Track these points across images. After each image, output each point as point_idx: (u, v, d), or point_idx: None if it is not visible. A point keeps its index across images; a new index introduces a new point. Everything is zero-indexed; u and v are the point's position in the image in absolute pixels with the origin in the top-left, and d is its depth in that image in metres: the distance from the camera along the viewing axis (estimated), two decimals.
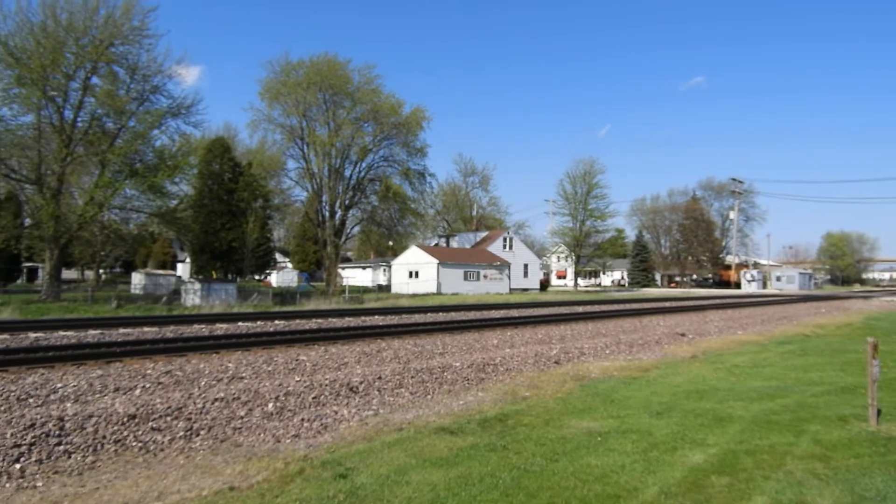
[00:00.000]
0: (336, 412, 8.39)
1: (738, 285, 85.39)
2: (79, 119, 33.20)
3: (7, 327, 16.23)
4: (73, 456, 6.26)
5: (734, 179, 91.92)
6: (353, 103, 48.33)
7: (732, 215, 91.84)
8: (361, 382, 9.85)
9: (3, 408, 7.61)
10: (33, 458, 6.07)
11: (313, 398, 8.86)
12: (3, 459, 5.95)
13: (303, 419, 7.94)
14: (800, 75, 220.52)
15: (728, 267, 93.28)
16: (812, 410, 8.60)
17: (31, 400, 8.00)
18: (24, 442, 6.29)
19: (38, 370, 9.88)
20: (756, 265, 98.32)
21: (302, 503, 5.10)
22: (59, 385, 8.73)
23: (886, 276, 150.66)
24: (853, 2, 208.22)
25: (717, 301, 41.48)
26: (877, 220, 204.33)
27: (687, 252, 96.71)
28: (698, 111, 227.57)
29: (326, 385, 9.48)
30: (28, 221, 44.50)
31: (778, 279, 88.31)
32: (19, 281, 58.09)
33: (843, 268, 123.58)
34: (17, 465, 5.89)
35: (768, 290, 79.79)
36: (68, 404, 7.82)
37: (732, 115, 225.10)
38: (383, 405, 8.97)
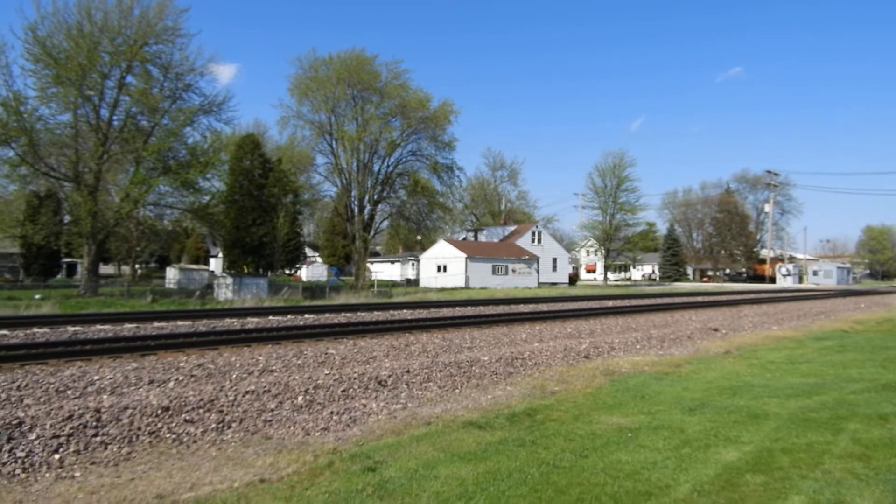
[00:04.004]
0: (365, 405, 8.44)
1: (772, 280, 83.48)
2: (114, 117, 34.05)
3: (47, 321, 16.71)
4: (109, 447, 6.41)
5: (769, 172, 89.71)
6: (381, 98, 48.55)
7: (767, 208, 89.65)
8: (390, 376, 9.89)
9: (42, 399, 7.83)
10: (71, 449, 6.23)
11: (342, 391, 8.93)
12: (43, 450, 6.12)
13: (332, 412, 8.01)
14: (840, 64, 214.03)
15: (762, 261, 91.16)
16: (851, 408, 8.35)
17: (69, 392, 8.20)
18: (62, 433, 6.46)
19: (76, 363, 10.13)
20: (792, 259, 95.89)
21: (331, 496, 5.13)
22: (96, 377, 8.95)
23: None
24: None
25: (752, 296, 40.61)
26: None
27: (720, 246, 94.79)
28: (735, 103, 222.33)
29: (355, 378, 9.54)
30: (67, 218, 45.85)
31: (815, 273, 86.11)
32: (59, 276, 59.80)
33: (883, 262, 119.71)
34: (57, 456, 6.06)
35: (804, 285, 77.84)
36: (105, 396, 8.01)
37: (769, 106, 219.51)
38: (412, 399, 8.99)
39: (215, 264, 70.59)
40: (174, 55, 34.69)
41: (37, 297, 28.05)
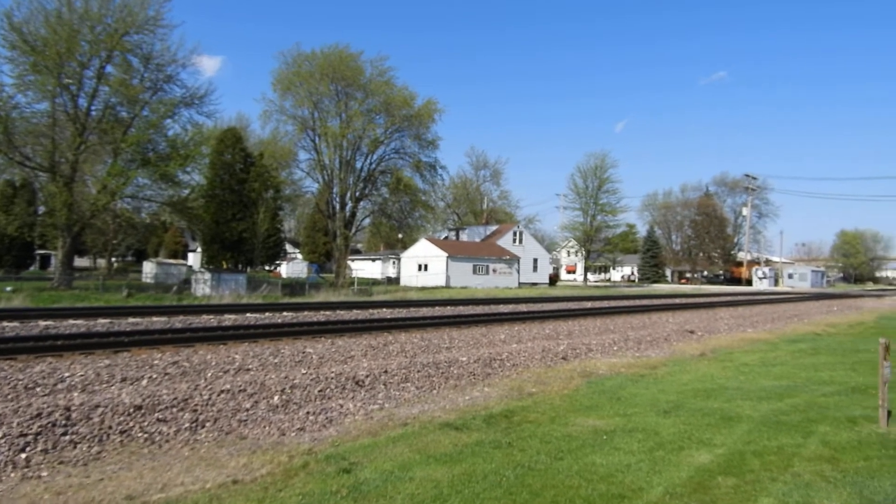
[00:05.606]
0: (341, 406, 8.39)
1: (749, 282, 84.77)
2: (93, 107, 33.48)
3: (18, 315, 16.39)
4: (78, 446, 6.29)
5: (748, 175, 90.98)
6: (365, 95, 48.30)
7: (745, 212, 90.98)
8: (367, 376, 9.85)
9: (10, 396, 7.67)
10: (39, 448, 6.10)
11: (319, 391, 8.87)
12: (10, 449, 5.98)
13: (308, 412, 7.95)
14: (818, 74, 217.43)
15: (739, 264, 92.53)
16: (822, 411, 8.50)
17: (38, 389, 8.05)
18: (30, 431, 6.32)
19: (46, 359, 9.95)
20: (768, 262, 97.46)
21: (305, 498, 5.09)
22: (67, 374, 8.79)
23: None
24: None
25: (728, 298, 41.18)
26: (892, 218, 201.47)
27: (698, 248, 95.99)
28: (716, 106, 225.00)
29: (332, 378, 9.49)
30: (42, 209, 45.03)
31: (790, 276, 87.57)
32: (32, 268, 58.73)
33: (856, 266, 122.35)
34: (23, 455, 5.92)
35: (780, 288, 79.14)
36: (75, 394, 7.87)
37: (748, 112, 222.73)
38: (389, 399, 8.96)
39: (193, 259, 69.79)
40: (155, 45, 34.27)
41: (8, 289, 27.47)
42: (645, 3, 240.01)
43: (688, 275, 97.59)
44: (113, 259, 61.33)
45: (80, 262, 57.73)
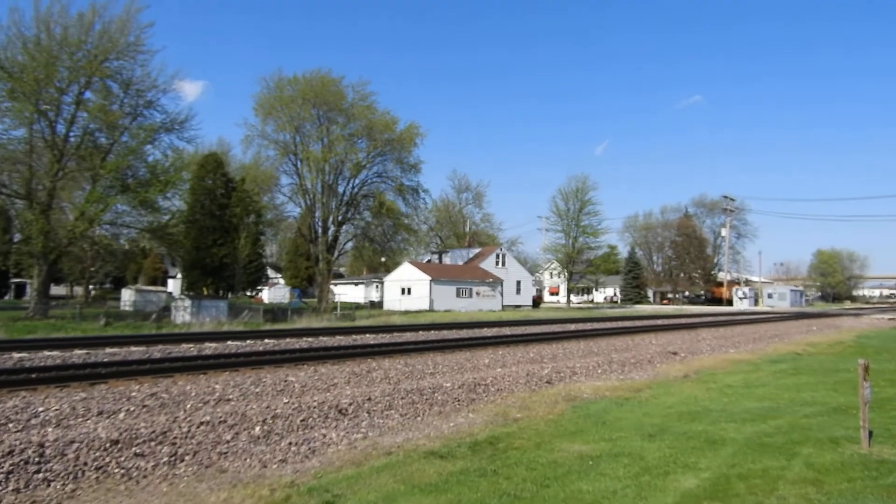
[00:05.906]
0: (324, 435, 8.26)
1: (729, 302, 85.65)
2: (71, 134, 33.24)
3: None
4: (52, 484, 6.10)
5: (726, 197, 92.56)
6: (346, 119, 48.54)
7: (724, 232, 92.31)
8: (351, 404, 9.72)
9: None
10: (10, 487, 5.90)
11: (301, 421, 8.73)
12: None
13: (290, 443, 7.81)
14: (794, 85, 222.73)
15: (720, 284, 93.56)
16: (804, 432, 8.54)
17: (10, 425, 7.80)
18: (1, 470, 6.11)
19: (20, 393, 9.67)
20: (747, 282, 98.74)
21: None
22: (41, 409, 8.55)
23: (876, 293, 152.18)
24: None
25: (709, 318, 41.50)
26: (867, 237, 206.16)
27: (679, 269, 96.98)
28: (693, 129, 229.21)
29: (315, 407, 9.35)
30: (17, 237, 44.27)
31: (769, 296, 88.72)
32: (7, 297, 57.54)
33: (833, 285, 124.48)
34: None
35: (760, 308, 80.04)
36: (49, 429, 7.65)
37: (724, 134, 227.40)
38: (372, 428, 8.84)
39: (173, 286, 68.84)
40: (135, 71, 34.22)
41: None
42: (621, 27, 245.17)
43: (669, 295, 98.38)
44: (90, 287, 60.30)
45: (56, 290, 56.71)
